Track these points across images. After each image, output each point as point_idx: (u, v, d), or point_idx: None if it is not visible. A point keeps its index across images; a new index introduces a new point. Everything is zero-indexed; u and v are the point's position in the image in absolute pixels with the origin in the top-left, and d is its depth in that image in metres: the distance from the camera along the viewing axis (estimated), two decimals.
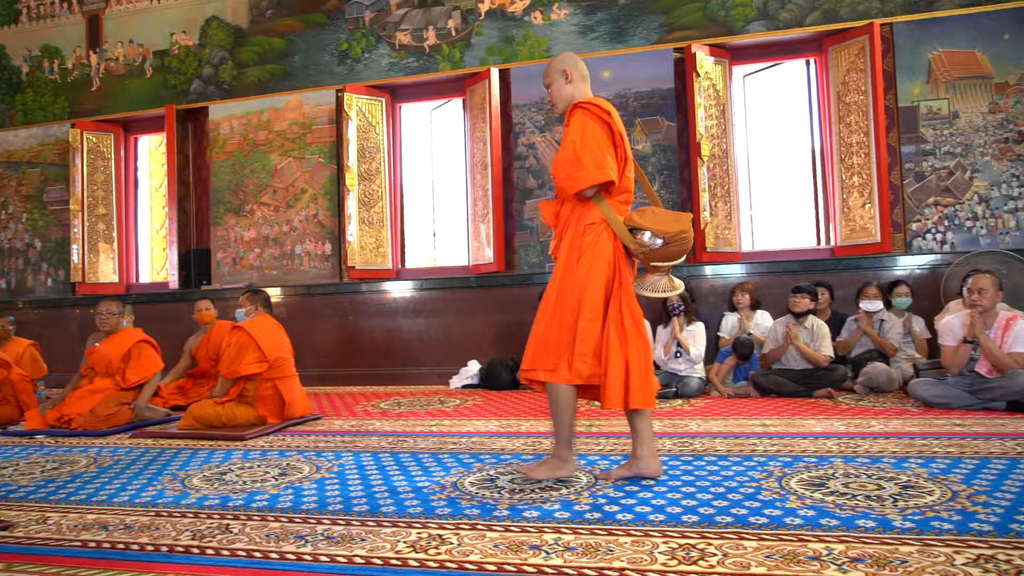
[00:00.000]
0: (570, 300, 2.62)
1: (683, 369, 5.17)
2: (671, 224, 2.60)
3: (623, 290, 2.64)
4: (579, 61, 2.83)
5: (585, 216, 2.66)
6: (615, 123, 2.64)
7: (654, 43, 6.32)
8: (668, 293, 2.68)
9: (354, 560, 1.95)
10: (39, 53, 8.05)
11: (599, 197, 2.65)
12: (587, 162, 2.56)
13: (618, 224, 2.62)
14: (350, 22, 7.07)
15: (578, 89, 2.79)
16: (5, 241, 8.07)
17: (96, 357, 4.87)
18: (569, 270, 2.64)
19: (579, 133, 2.60)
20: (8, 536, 2.30)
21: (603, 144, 2.59)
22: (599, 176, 2.56)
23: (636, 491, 2.53)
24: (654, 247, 2.59)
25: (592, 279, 2.61)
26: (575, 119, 2.66)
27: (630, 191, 2.72)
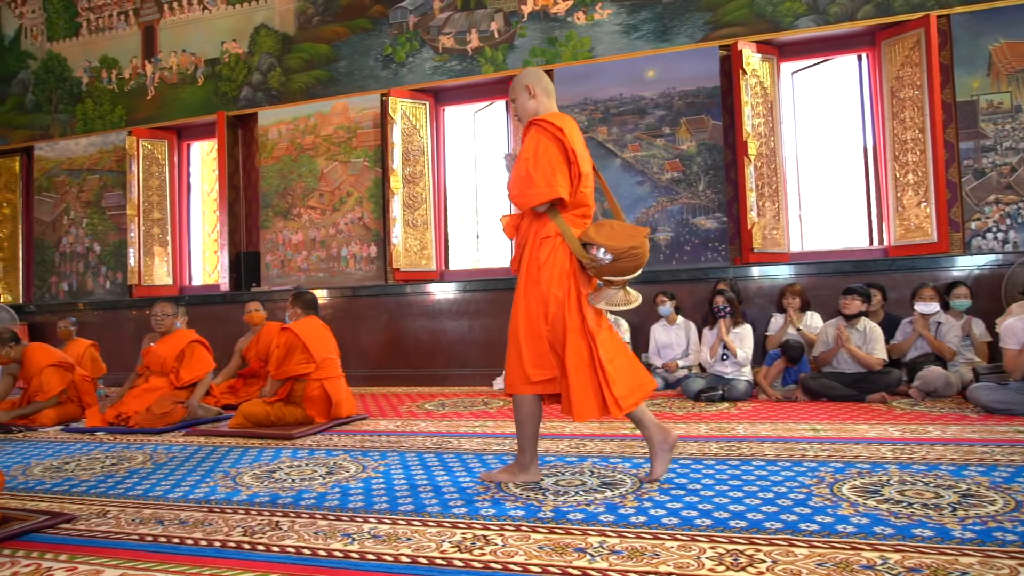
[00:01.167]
0: (535, 313, 2.69)
1: (730, 372, 5.08)
2: (623, 240, 2.63)
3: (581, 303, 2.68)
4: (543, 76, 2.88)
5: (542, 230, 2.73)
6: (568, 139, 2.66)
7: (699, 41, 6.23)
8: (623, 307, 2.69)
9: (400, 559, 1.97)
10: (98, 64, 8.37)
11: (554, 212, 2.71)
12: (537, 180, 2.62)
13: (571, 238, 2.67)
14: (394, 27, 7.16)
15: (541, 104, 2.84)
16: (67, 245, 8.41)
17: (151, 357, 5.03)
18: (532, 284, 2.71)
19: (532, 151, 2.67)
20: (71, 528, 2.39)
21: (554, 162, 2.64)
22: (548, 193, 2.62)
23: (682, 495, 2.50)
24: (604, 262, 2.62)
25: (553, 291, 2.67)
26: (529, 137, 2.73)
27: (588, 205, 2.76)
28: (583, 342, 2.65)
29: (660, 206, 6.26)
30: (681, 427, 3.90)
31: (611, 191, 6.65)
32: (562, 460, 3.16)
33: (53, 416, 4.98)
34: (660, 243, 6.25)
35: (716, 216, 6.13)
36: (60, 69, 8.53)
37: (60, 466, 3.51)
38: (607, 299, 2.70)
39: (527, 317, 2.71)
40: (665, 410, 4.57)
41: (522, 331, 2.71)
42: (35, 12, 8.68)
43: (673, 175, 6.24)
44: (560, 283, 2.67)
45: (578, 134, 2.77)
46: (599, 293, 2.73)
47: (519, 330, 2.71)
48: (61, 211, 8.45)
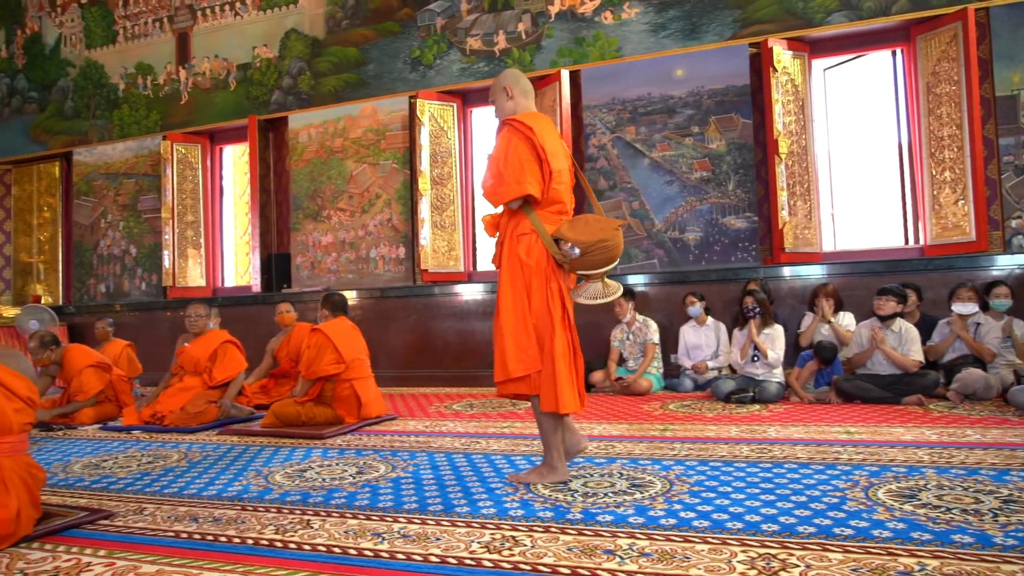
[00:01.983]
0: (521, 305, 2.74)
1: (760, 373, 5.02)
2: (590, 234, 2.66)
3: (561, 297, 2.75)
4: (520, 77, 2.96)
5: (518, 227, 2.79)
6: (538, 138, 2.72)
7: (728, 39, 6.16)
8: (601, 300, 2.76)
9: (429, 559, 1.98)
10: (134, 70, 8.55)
11: (528, 208, 2.77)
12: (508, 177, 2.70)
13: (544, 234, 2.73)
14: (422, 29, 7.20)
15: (519, 104, 2.91)
16: (104, 248, 8.61)
17: (185, 357, 5.12)
18: (515, 278, 2.77)
19: (503, 150, 2.75)
20: (109, 525, 2.44)
21: (524, 159, 2.70)
22: (518, 191, 2.69)
23: (712, 498, 2.47)
24: (574, 256, 2.66)
25: (535, 285, 2.73)
26: (501, 136, 2.81)
27: (562, 201, 2.81)
28: (566, 335, 2.73)
29: (689, 206, 6.21)
30: (711, 429, 3.86)
31: (640, 191, 6.60)
32: (590, 461, 3.15)
33: (92, 415, 5.10)
34: (689, 243, 6.19)
35: (746, 216, 6.05)
36: (98, 76, 8.73)
37: (98, 464, 3.59)
38: (585, 293, 2.77)
39: (514, 309, 2.75)
40: (695, 411, 4.53)
41: (507, 324, 2.75)
42: (74, 21, 8.90)
43: (702, 174, 6.18)
44: (540, 277, 2.74)
45: (551, 132, 2.83)
46: (579, 288, 2.81)
47: (504, 327, 2.76)
48: (99, 214, 8.65)
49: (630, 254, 6.35)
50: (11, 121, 9.21)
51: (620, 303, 5.78)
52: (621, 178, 6.41)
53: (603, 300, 2.76)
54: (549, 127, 2.85)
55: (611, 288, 2.78)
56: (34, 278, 8.96)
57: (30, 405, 2.28)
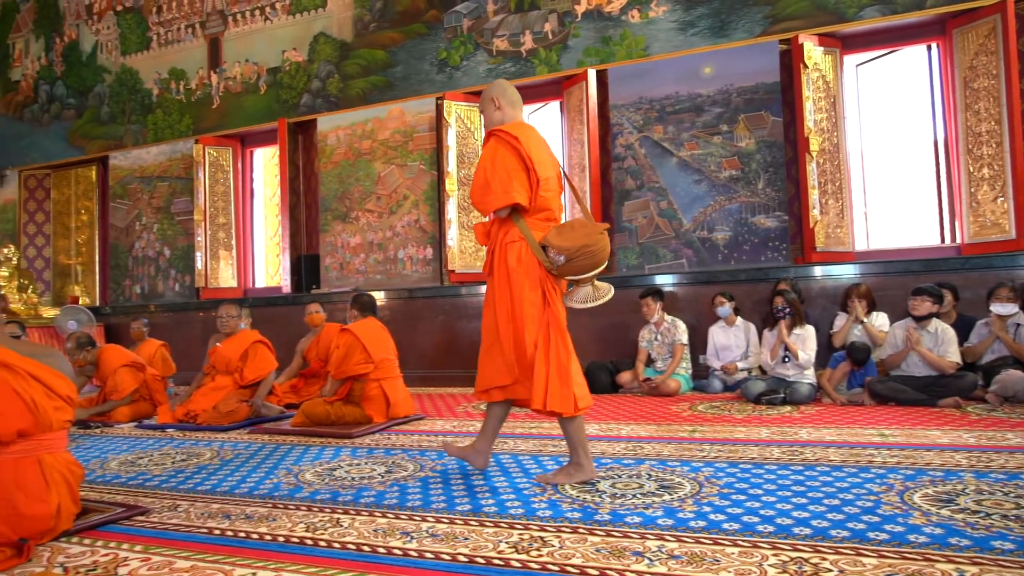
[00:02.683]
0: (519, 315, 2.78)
1: (791, 374, 4.95)
2: (574, 240, 2.71)
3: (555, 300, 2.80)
4: (508, 88, 3.02)
5: (508, 235, 2.85)
6: (524, 147, 2.77)
7: (757, 36, 6.09)
8: (592, 303, 2.80)
9: (458, 558, 1.98)
10: (167, 76, 8.72)
11: (517, 216, 2.82)
12: (495, 187, 2.76)
13: (532, 241, 2.78)
14: (449, 31, 7.23)
15: (506, 115, 2.98)
16: (139, 250, 8.79)
17: (217, 357, 5.21)
18: (503, 286, 2.83)
19: (490, 160, 2.81)
20: (145, 521, 2.49)
21: (511, 169, 2.76)
22: (505, 199, 2.75)
23: (743, 500, 2.44)
24: (559, 263, 2.72)
25: (528, 292, 2.78)
26: (488, 146, 2.88)
27: (550, 208, 2.87)
28: (559, 338, 2.76)
29: (718, 205, 6.15)
30: (741, 430, 3.81)
31: (668, 190, 6.57)
32: (619, 463, 3.13)
33: (127, 413, 5.21)
34: (718, 243, 6.13)
35: (776, 215, 5.97)
36: (132, 82, 8.92)
37: (134, 461, 3.67)
38: (578, 297, 2.82)
39: (506, 317, 2.82)
40: (724, 413, 4.48)
41: (503, 332, 2.82)
42: (110, 28, 9.11)
43: (731, 173, 6.12)
44: (531, 284, 2.78)
45: (537, 142, 2.89)
46: (570, 293, 2.85)
47: (499, 332, 2.83)
48: (134, 217, 8.84)
49: (658, 254, 6.31)
50: (50, 127, 9.45)
51: (648, 303, 5.74)
52: (649, 177, 6.37)
53: (594, 303, 2.80)
54: (536, 136, 2.91)
55: (602, 291, 2.82)
56: (72, 280, 9.19)
57: (69, 404, 2.33)
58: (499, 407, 2.98)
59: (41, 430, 2.21)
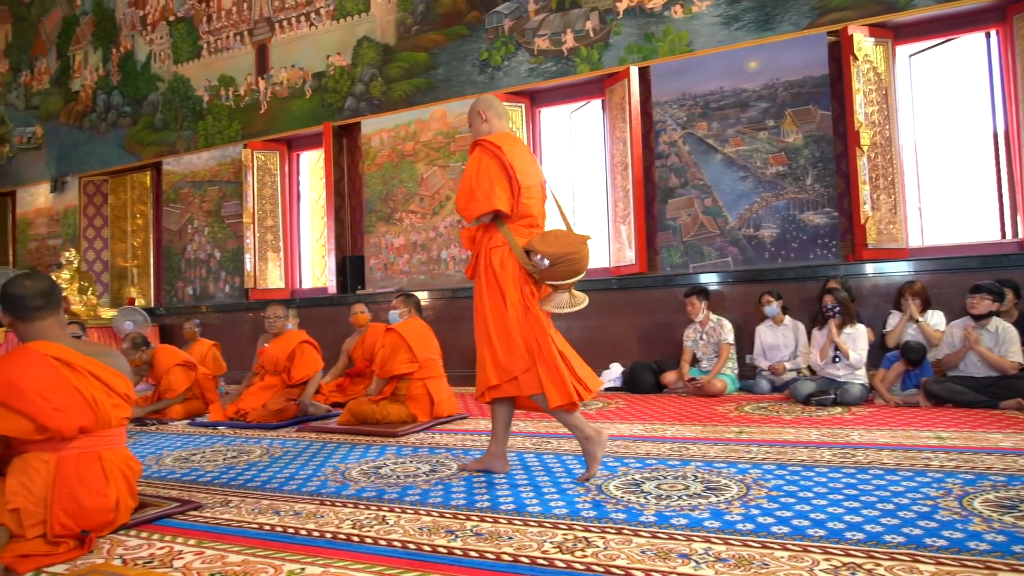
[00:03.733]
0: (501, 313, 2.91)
1: (842, 375, 4.82)
2: (559, 247, 2.82)
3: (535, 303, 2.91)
4: (494, 101, 3.16)
5: (492, 240, 2.97)
6: (506, 156, 2.89)
7: (804, 28, 5.95)
8: (569, 309, 2.91)
9: (502, 557, 1.99)
10: (217, 83, 8.96)
11: (500, 223, 2.95)
12: (479, 194, 2.89)
13: (515, 246, 2.90)
14: (490, 32, 7.25)
15: (492, 126, 3.10)
16: (191, 252, 9.05)
17: (265, 357, 5.33)
18: (491, 288, 2.95)
19: (475, 169, 2.94)
20: (198, 515, 2.56)
21: (494, 177, 2.88)
22: (488, 206, 2.87)
23: (792, 503, 2.39)
24: (543, 267, 2.82)
25: (509, 294, 2.89)
26: (473, 156, 2.99)
27: (532, 215, 2.99)
28: (544, 339, 2.86)
29: (764, 202, 6.02)
30: (790, 432, 3.73)
31: (713, 188, 6.50)
32: (664, 464, 3.10)
33: (180, 411, 5.37)
34: (765, 240, 6.01)
35: (825, 211, 5.83)
36: (184, 89, 9.19)
37: (187, 457, 3.78)
38: (554, 302, 2.92)
39: (495, 318, 2.92)
40: (772, 414, 4.39)
41: (494, 333, 2.91)
42: (163, 38, 9.40)
43: (778, 169, 5.99)
44: (514, 287, 2.90)
45: (520, 151, 3.00)
46: (548, 298, 2.95)
47: (491, 333, 2.91)
48: (186, 220, 9.10)
49: (703, 252, 6.21)
50: (108, 135, 9.80)
51: (693, 302, 5.67)
52: (693, 175, 6.28)
53: (569, 309, 2.91)
54: (519, 146, 3.03)
55: (577, 299, 2.94)
56: (129, 282, 9.51)
57: (127, 401, 2.41)
58: (501, 407, 3.05)
59: (101, 427, 2.29)
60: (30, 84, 10.62)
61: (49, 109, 10.41)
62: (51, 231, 10.25)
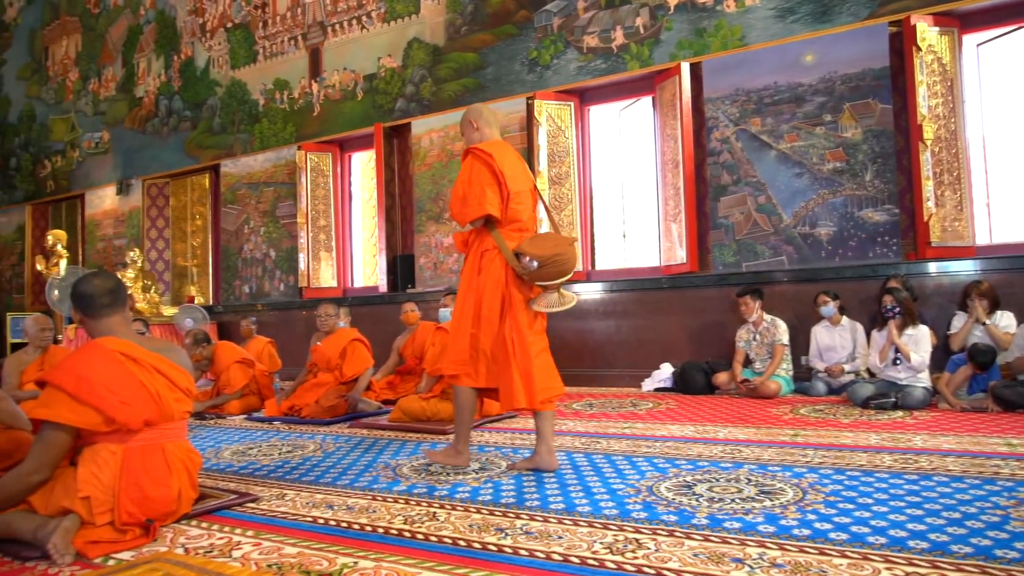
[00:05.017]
0: (467, 314, 3.11)
1: (903, 377, 4.65)
2: (546, 249, 2.98)
3: (512, 307, 3.05)
4: (484, 110, 3.35)
5: (483, 244, 3.14)
6: (496, 164, 3.05)
7: (864, 19, 5.76)
8: (557, 308, 3.05)
9: (552, 556, 1.98)
10: (272, 86, 9.18)
11: (491, 226, 3.10)
12: (471, 200, 3.05)
13: (505, 249, 3.05)
14: (539, 30, 7.24)
15: (484, 134, 3.27)
16: (247, 252, 9.30)
17: (318, 354, 5.44)
18: (470, 289, 3.14)
19: (467, 175, 3.11)
20: (255, 508, 2.64)
21: (485, 183, 3.04)
22: (479, 211, 3.04)
23: (851, 509, 2.31)
24: (532, 269, 2.96)
25: (487, 297, 3.07)
26: (465, 163, 3.16)
27: (521, 220, 3.14)
28: (519, 341, 3.02)
29: (821, 199, 5.86)
30: (848, 436, 3.62)
31: (767, 185, 6.38)
32: (715, 466, 3.05)
33: (238, 407, 5.53)
34: (821, 239, 5.85)
35: (886, 208, 5.63)
36: (241, 93, 9.45)
37: (245, 451, 3.88)
38: (544, 303, 3.06)
39: (461, 317, 3.14)
40: (829, 417, 4.27)
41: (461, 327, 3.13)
42: (221, 44, 9.69)
43: (835, 165, 5.82)
44: (494, 291, 3.07)
45: (510, 158, 3.15)
46: (538, 298, 3.08)
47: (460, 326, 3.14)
48: (243, 221, 9.36)
49: (756, 251, 6.08)
50: (169, 139, 10.16)
51: (746, 302, 5.55)
52: (746, 172, 6.16)
53: (558, 308, 3.06)
54: (509, 154, 3.18)
55: (566, 298, 3.09)
56: (189, 280, 9.84)
57: (188, 395, 2.50)
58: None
59: (164, 420, 2.38)
60: (98, 91, 11.09)
61: (115, 115, 10.84)
62: (117, 232, 10.69)
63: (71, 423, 2.21)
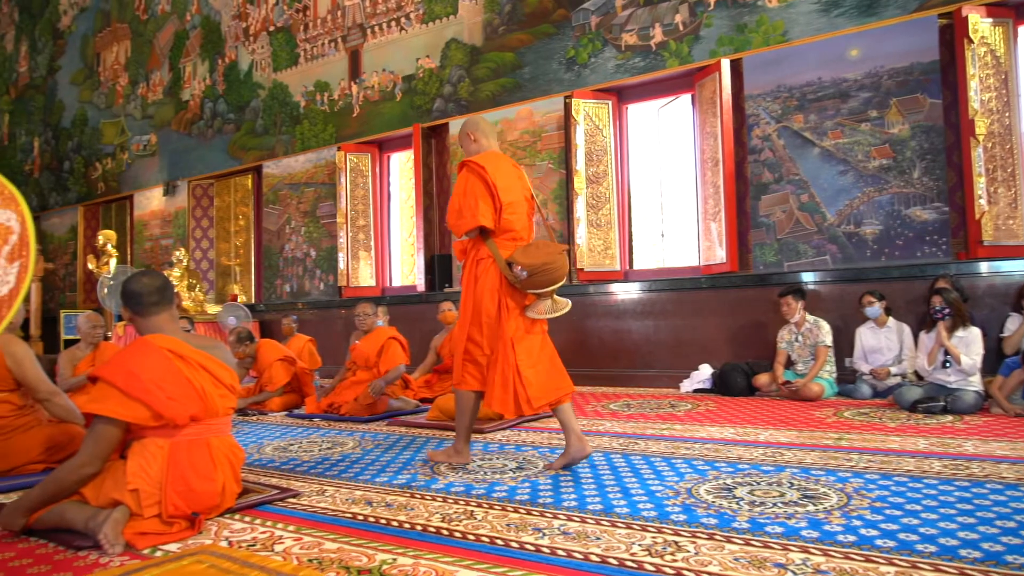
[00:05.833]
0: (467, 321, 3.23)
1: (953, 381, 4.51)
2: (536, 258, 3.08)
3: (508, 314, 3.15)
4: (480, 122, 3.45)
5: (479, 253, 3.24)
6: (489, 176, 3.14)
7: (912, 12, 5.60)
8: (550, 315, 3.15)
9: (590, 557, 1.97)
10: (313, 88, 9.33)
11: (486, 236, 3.20)
12: (465, 212, 3.17)
13: (499, 258, 3.15)
14: (576, 29, 7.21)
15: (481, 145, 3.39)
16: (289, 251, 9.47)
17: (357, 353, 5.50)
18: (468, 297, 3.25)
19: (462, 188, 3.22)
20: (296, 503, 2.68)
21: (479, 195, 3.15)
22: (473, 222, 3.15)
23: (899, 516, 2.25)
24: (523, 277, 3.07)
25: (485, 304, 3.18)
26: (460, 175, 3.26)
27: (514, 229, 3.22)
28: (507, 348, 3.11)
29: (866, 197, 5.72)
30: (894, 440, 3.53)
31: (810, 183, 6.28)
32: (756, 468, 2.99)
33: (278, 403, 5.63)
34: (866, 237, 5.70)
35: (934, 206, 5.47)
36: (283, 96, 9.62)
37: (286, 447, 3.95)
38: (538, 309, 3.16)
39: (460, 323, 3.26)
40: (874, 420, 4.16)
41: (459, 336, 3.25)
42: (263, 48, 9.87)
43: (881, 162, 5.67)
44: (491, 298, 3.17)
45: (503, 170, 3.24)
46: (532, 305, 3.18)
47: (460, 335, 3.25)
48: (284, 221, 9.53)
49: (798, 250, 5.96)
50: (213, 140, 10.39)
51: (788, 302, 5.45)
52: (788, 170, 6.04)
53: (551, 315, 3.16)
54: (503, 165, 3.26)
55: (559, 304, 3.19)
56: (232, 279, 10.05)
57: (232, 392, 2.55)
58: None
59: (209, 415, 2.43)
60: (146, 95, 11.41)
61: (162, 118, 11.14)
62: (163, 232, 10.98)
63: (121, 417, 2.28)
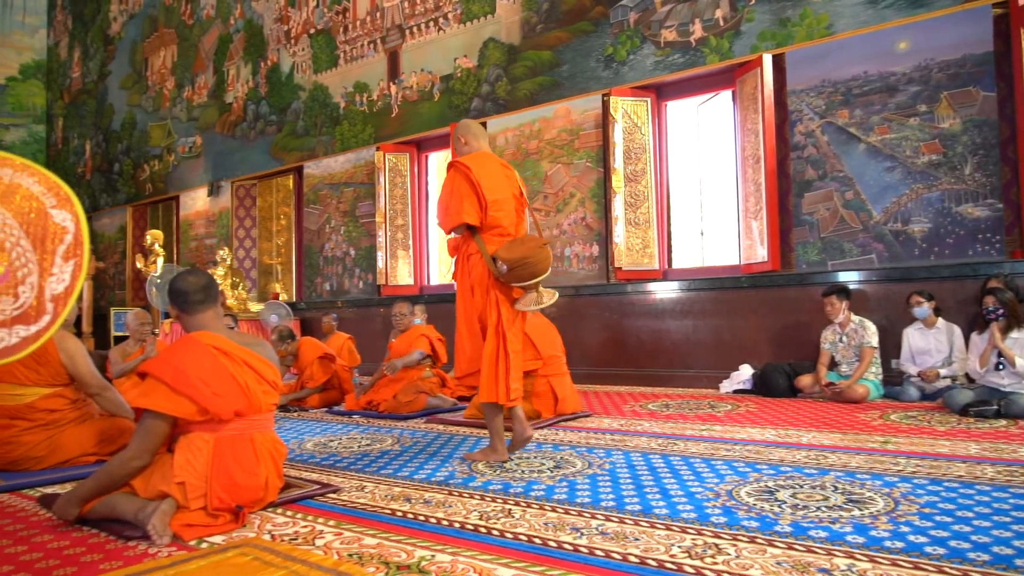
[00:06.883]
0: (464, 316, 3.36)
1: (1007, 384, 4.36)
2: (515, 253, 3.19)
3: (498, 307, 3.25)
4: (471, 125, 3.59)
5: (468, 248, 3.37)
6: (474, 175, 3.27)
7: (965, 1, 5.42)
8: (535, 307, 3.26)
9: (628, 558, 1.96)
10: (352, 89, 9.44)
11: (474, 232, 3.31)
12: (451, 209, 3.30)
13: (485, 254, 3.26)
14: (615, 26, 7.16)
15: (472, 147, 3.53)
16: (329, 250, 9.61)
17: (393, 352, 5.56)
18: (463, 292, 3.38)
19: (448, 187, 3.36)
20: (336, 498, 2.72)
21: (463, 194, 3.27)
22: (458, 219, 3.28)
23: (949, 522, 2.18)
24: (503, 271, 3.18)
25: (477, 298, 3.31)
26: (447, 175, 3.40)
27: (502, 225, 3.34)
28: (496, 339, 3.23)
29: (914, 194, 5.56)
30: (944, 444, 3.42)
31: (855, 180, 6.16)
32: (799, 471, 2.93)
33: (318, 400, 5.72)
34: (914, 236, 5.54)
35: (988, 203, 5.29)
36: (323, 97, 9.76)
37: (326, 443, 4.01)
38: (524, 301, 3.28)
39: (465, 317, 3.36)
40: (922, 424, 4.05)
41: (464, 332, 3.36)
42: (304, 50, 10.03)
43: (931, 158, 5.50)
44: (481, 291, 3.30)
45: (488, 169, 3.35)
46: (521, 298, 3.30)
47: (463, 331, 3.36)
48: (324, 220, 9.67)
49: (843, 248, 5.83)
50: (256, 142, 10.60)
51: (832, 302, 5.32)
52: (832, 166, 5.90)
53: (537, 307, 3.27)
54: (488, 165, 3.38)
55: (545, 296, 3.28)
56: (274, 278, 10.24)
57: (274, 388, 2.60)
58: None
59: (253, 411, 2.48)
60: (191, 98, 11.69)
61: (207, 120, 11.40)
62: (208, 231, 11.24)
63: (168, 412, 2.34)
